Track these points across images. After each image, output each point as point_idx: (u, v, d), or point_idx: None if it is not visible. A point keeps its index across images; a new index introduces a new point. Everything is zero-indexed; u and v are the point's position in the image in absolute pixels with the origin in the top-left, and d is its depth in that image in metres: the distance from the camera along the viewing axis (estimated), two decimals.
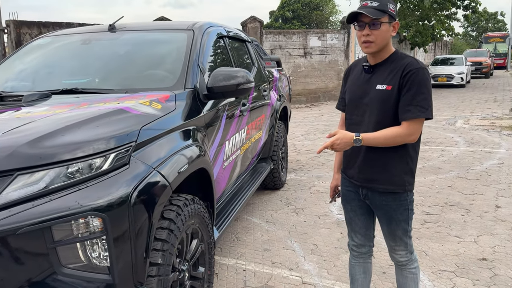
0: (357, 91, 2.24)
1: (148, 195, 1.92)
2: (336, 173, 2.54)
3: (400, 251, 2.32)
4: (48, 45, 3.44)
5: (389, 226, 2.28)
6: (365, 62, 2.24)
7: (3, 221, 1.58)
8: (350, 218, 2.44)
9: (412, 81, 2.03)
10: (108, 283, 1.76)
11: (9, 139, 1.77)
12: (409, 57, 2.14)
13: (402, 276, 2.39)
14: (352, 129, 2.22)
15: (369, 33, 2.08)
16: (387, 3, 2.07)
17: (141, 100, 2.38)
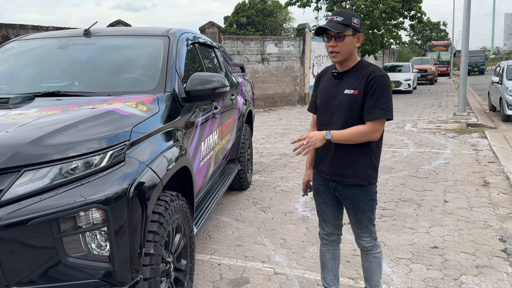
0: (327, 95, 2.51)
1: (143, 190, 2.08)
2: (308, 169, 2.79)
3: (366, 238, 2.60)
4: (22, 48, 3.48)
5: (356, 215, 2.55)
6: (334, 69, 2.51)
7: (14, 214, 1.70)
8: (321, 209, 2.69)
9: (376, 87, 2.31)
10: (108, 270, 1.90)
11: (13, 138, 1.88)
12: (372, 66, 2.43)
13: (367, 261, 2.68)
14: (323, 129, 2.48)
15: (334, 45, 2.35)
16: (351, 17, 2.35)
17: (128, 103, 2.52)
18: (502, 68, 12.72)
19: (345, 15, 2.35)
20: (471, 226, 4.20)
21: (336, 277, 2.81)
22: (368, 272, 2.69)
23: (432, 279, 3.21)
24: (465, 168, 6.45)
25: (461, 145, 8.18)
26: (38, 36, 3.67)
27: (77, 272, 1.84)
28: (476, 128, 10.14)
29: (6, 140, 1.87)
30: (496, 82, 12.56)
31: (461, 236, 3.98)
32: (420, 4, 22.13)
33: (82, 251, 1.86)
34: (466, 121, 11.05)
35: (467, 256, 3.56)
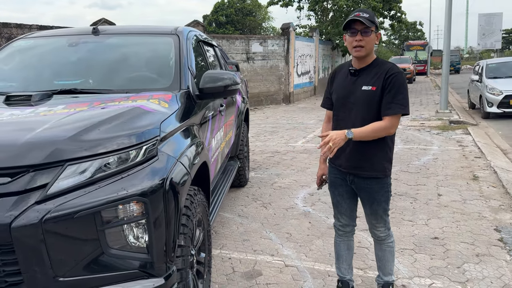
0: (344, 91, 2.61)
1: (177, 183, 2.14)
2: (322, 163, 2.88)
3: (380, 228, 2.72)
4: (31, 46, 3.47)
5: (371, 206, 2.66)
6: (350, 66, 2.61)
7: (61, 207, 1.74)
8: (337, 201, 2.80)
9: (394, 83, 2.43)
10: (146, 261, 1.96)
11: (53, 133, 1.91)
12: (389, 63, 2.55)
13: (381, 250, 2.79)
14: (340, 124, 2.60)
15: (361, 39, 2.44)
16: (374, 16, 2.47)
17: (150, 100, 2.57)
18: (481, 67, 13.12)
19: (369, 12, 2.47)
20: (466, 217, 4.38)
21: (350, 267, 2.92)
22: (382, 261, 2.81)
23: (437, 268, 3.36)
24: (454, 163, 6.68)
25: (447, 142, 8.44)
26: (45, 34, 3.66)
27: (118, 263, 1.89)
28: (459, 125, 10.45)
29: (47, 136, 1.90)
30: (475, 81, 12.96)
31: (458, 227, 4.15)
32: (400, 4, 22.58)
33: (123, 242, 1.91)
34: (448, 118, 11.38)
35: (466, 246, 3.73)
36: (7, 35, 10.79)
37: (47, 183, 1.77)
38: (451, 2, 11.84)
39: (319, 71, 22.33)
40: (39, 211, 1.72)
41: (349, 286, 2.90)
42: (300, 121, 12.33)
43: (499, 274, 3.23)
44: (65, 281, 1.78)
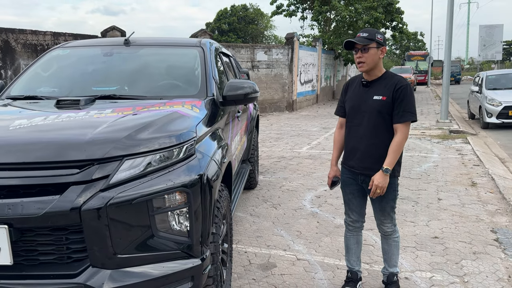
0: (357, 101, 2.94)
1: (212, 178, 2.46)
2: (334, 165, 3.20)
3: (387, 224, 3.04)
4: (68, 55, 3.80)
5: (380, 204, 2.98)
6: (362, 79, 2.94)
7: (121, 194, 2.06)
8: (348, 199, 3.11)
9: (404, 94, 2.77)
10: (188, 244, 2.27)
11: (112, 133, 2.23)
12: (397, 76, 2.88)
13: (388, 244, 3.11)
14: (353, 130, 2.95)
15: (360, 56, 2.80)
16: (375, 34, 2.81)
17: (184, 105, 2.90)
18: (481, 78, 13.48)
19: (369, 31, 2.82)
20: (465, 220, 4.70)
21: (359, 259, 3.23)
22: (388, 254, 3.12)
23: (437, 263, 3.67)
24: (453, 170, 7.00)
25: (447, 150, 8.76)
26: (80, 44, 3.99)
27: (164, 244, 2.19)
28: (459, 134, 10.78)
29: (107, 135, 2.21)
30: (475, 92, 13.31)
31: (457, 228, 4.46)
32: (402, 16, 23.01)
33: (168, 227, 2.22)
34: (448, 128, 11.71)
35: (464, 245, 4.03)
36: (23, 41, 11.16)
37: (109, 175, 2.09)
38: (452, 14, 12.23)
39: (321, 80, 22.72)
40: (104, 197, 2.03)
41: (357, 276, 3.21)
42: (304, 128, 12.66)
43: (494, 270, 3.54)
44: (122, 258, 2.09)
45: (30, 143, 2.15)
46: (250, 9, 54.99)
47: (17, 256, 2.03)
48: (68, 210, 1.98)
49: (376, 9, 21.56)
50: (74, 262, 2.09)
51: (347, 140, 3.04)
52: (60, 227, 2.03)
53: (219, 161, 2.72)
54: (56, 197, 2.00)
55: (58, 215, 1.98)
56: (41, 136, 2.23)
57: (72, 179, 2.04)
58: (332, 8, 21.88)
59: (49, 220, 1.98)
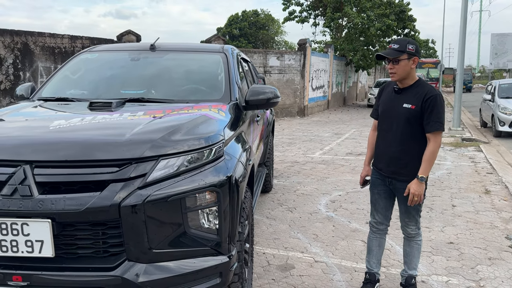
0: (388, 106, 3.05)
1: (239, 179, 2.56)
2: (366, 165, 3.32)
3: (412, 226, 3.12)
4: (97, 59, 3.94)
5: (406, 206, 3.05)
6: (395, 85, 3.03)
7: (158, 192, 2.16)
8: (375, 199, 3.21)
9: (434, 104, 2.83)
10: (217, 241, 2.36)
11: (147, 134, 2.35)
12: (428, 85, 2.95)
13: (410, 246, 3.19)
14: (383, 134, 3.06)
15: (392, 67, 2.90)
16: (406, 44, 2.87)
17: (211, 109, 3.01)
18: (494, 86, 13.47)
19: (401, 42, 2.89)
20: (479, 226, 4.74)
21: (379, 262, 3.31)
22: (409, 256, 3.20)
23: (452, 268, 3.72)
24: (467, 177, 7.03)
25: (460, 158, 8.78)
26: (107, 48, 4.13)
27: (195, 240, 2.29)
28: (471, 142, 10.79)
29: (143, 135, 2.33)
30: (488, 100, 13.30)
31: (472, 234, 4.51)
32: (414, 23, 23.03)
33: (199, 224, 2.31)
34: (461, 135, 11.72)
35: (479, 251, 4.09)
36: (41, 44, 11.41)
37: (146, 173, 2.19)
38: (465, 23, 12.26)
39: (332, 86, 22.79)
40: (141, 195, 2.13)
41: (375, 277, 3.28)
42: (316, 134, 12.73)
43: (510, 275, 3.59)
44: (156, 252, 2.19)
45: (71, 143, 2.27)
46: (261, 14, 55.33)
47: (58, 249, 2.14)
48: (108, 206, 2.09)
49: (389, 16, 21.62)
50: (111, 256, 2.19)
51: (377, 144, 3.15)
52: (99, 222, 2.13)
53: (245, 163, 2.82)
54: (97, 193, 2.11)
55: (99, 211, 2.09)
56: (81, 136, 2.35)
57: (112, 177, 2.15)
58: (345, 15, 21.98)
59: (90, 215, 2.09)
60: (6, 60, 10.70)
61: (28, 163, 2.16)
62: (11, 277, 2.13)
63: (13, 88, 10.88)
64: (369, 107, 23.77)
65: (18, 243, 2.11)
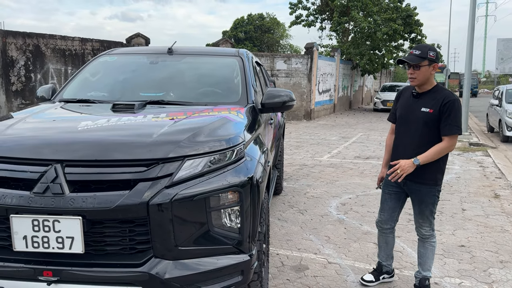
0: (406, 110, 3.12)
1: (260, 180, 2.62)
2: (384, 167, 3.41)
3: (426, 227, 3.19)
4: (116, 62, 4.02)
5: (420, 207, 3.13)
6: (413, 90, 3.10)
7: (183, 191, 2.23)
8: (384, 198, 3.31)
9: (452, 109, 2.90)
10: (239, 240, 2.43)
11: (172, 135, 2.42)
12: (446, 90, 3.03)
13: (424, 248, 3.25)
14: (401, 138, 3.14)
15: (412, 72, 2.96)
16: (428, 51, 2.94)
17: (230, 111, 3.08)
18: (501, 92, 13.48)
19: (422, 49, 2.95)
20: (490, 230, 4.78)
21: (389, 256, 3.46)
22: (423, 257, 3.25)
23: (465, 270, 3.77)
24: (475, 182, 7.07)
25: (468, 162, 8.81)
26: (126, 52, 4.21)
27: (218, 239, 2.35)
28: (478, 147, 10.81)
29: (169, 136, 2.40)
30: (495, 105, 13.31)
31: (483, 237, 4.55)
32: (421, 28, 23.06)
33: (222, 223, 2.38)
34: (468, 140, 11.74)
35: (491, 254, 4.13)
36: (52, 46, 11.54)
37: (172, 173, 2.26)
38: (473, 29, 12.30)
39: (339, 90, 22.85)
40: (169, 194, 2.20)
41: (382, 269, 3.47)
42: (323, 137, 12.79)
43: None
44: (182, 250, 2.26)
45: (100, 143, 2.35)
46: (267, 18, 55.52)
47: (87, 246, 2.21)
48: (137, 204, 2.16)
49: (395, 20, 21.67)
50: (138, 253, 2.26)
51: (395, 146, 3.23)
52: (127, 220, 2.20)
53: (264, 164, 2.88)
54: (126, 192, 2.18)
55: (128, 209, 2.16)
56: (110, 137, 2.43)
57: (140, 176, 2.22)
58: (351, 19, 22.05)
59: (119, 213, 2.16)
60: (18, 61, 10.85)
61: (59, 162, 2.23)
62: (41, 272, 2.20)
63: (24, 90, 11.03)
64: (375, 111, 23.79)
65: (49, 239, 2.18)
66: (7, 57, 10.60)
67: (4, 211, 2.20)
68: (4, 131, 2.54)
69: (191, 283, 2.28)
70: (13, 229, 2.19)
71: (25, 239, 2.19)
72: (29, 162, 2.28)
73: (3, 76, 10.56)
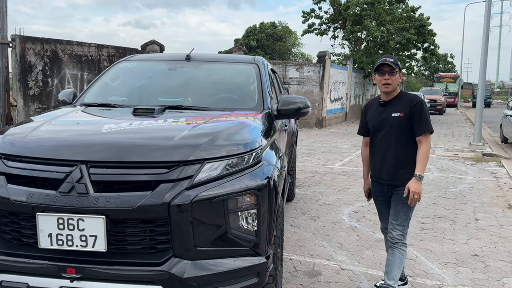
0: (378, 119, 3.28)
1: (276, 184, 2.68)
2: (366, 179, 3.55)
3: (398, 229, 3.21)
4: (135, 68, 4.12)
5: (396, 207, 3.21)
6: (379, 100, 3.29)
7: (204, 193, 2.29)
8: (379, 209, 3.47)
9: (421, 109, 3.12)
10: (255, 242, 2.48)
11: (192, 139, 2.49)
12: (411, 94, 3.27)
13: (392, 254, 3.25)
14: (378, 146, 3.28)
15: (388, 78, 3.14)
16: (397, 60, 3.19)
17: (248, 117, 3.14)
18: None
19: (394, 58, 3.19)
20: (504, 240, 4.76)
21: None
22: (390, 265, 3.24)
23: (478, 279, 3.76)
24: (489, 192, 7.03)
25: (481, 172, 8.76)
26: (144, 58, 4.32)
27: (236, 240, 2.40)
28: (492, 157, 10.73)
29: (190, 140, 2.47)
30: (509, 116, 13.20)
31: (496, 247, 4.53)
32: (434, 37, 22.99)
33: (240, 225, 2.43)
34: (481, 150, 11.66)
35: (505, 263, 4.12)
36: (69, 52, 11.76)
37: (192, 175, 2.33)
38: (487, 39, 12.26)
39: (350, 98, 22.84)
40: (189, 195, 2.26)
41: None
42: (334, 145, 12.80)
43: None
44: (200, 250, 2.31)
45: (123, 145, 2.43)
46: (279, 26, 55.84)
47: (110, 245, 2.28)
48: (159, 204, 2.23)
49: (408, 30, 21.66)
50: (158, 252, 2.32)
51: (373, 155, 3.34)
52: (149, 219, 2.27)
53: (280, 169, 2.94)
54: (148, 193, 2.25)
55: (150, 209, 2.22)
56: (132, 139, 2.51)
57: (161, 178, 2.29)
58: (364, 28, 22.09)
59: (141, 213, 2.23)
60: (36, 66, 11.08)
61: (84, 163, 2.31)
62: (65, 269, 2.27)
63: (42, 94, 11.24)
64: None
65: (73, 238, 2.26)
66: (26, 62, 10.83)
67: (31, 209, 2.29)
68: (31, 133, 2.63)
69: (209, 283, 2.34)
70: (39, 227, 2.27)
71: (50, 237, 2.27)
72: (55, 162, 2.36)
73: (21, 81, 10.78)
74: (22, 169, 2.40)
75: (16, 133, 2.68)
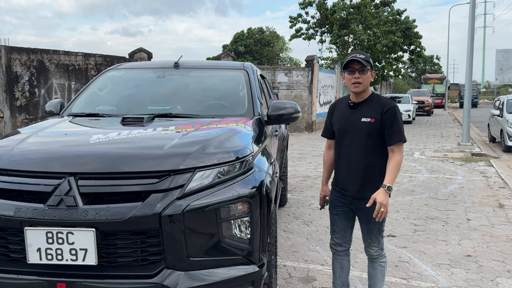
0: (344, 122, 2.91)
1: (268, 191, 2.65)
2: (324, 185, 3.19)
3: (374, 247, 2.97)
4: (123, 76, 4.08)
5: (368, 226, 2.92)
6: (349, 100, 2.92)
7: (195, 202, 2.26)
8: (334, 220, 3.08)
9: (393, 116, 2.78)
10: (249, 250, 2.45)
11: (182, 147, 2.46)
12: (384, 98, 2.90)
13: (373, 268, 3.06)
14: (344, 151, 2.93)
15: (358, 76, 2.78)
16: (369, 57, 2.85)
17: (238, 123, 3.12)
18: (502, 102, 13.53)
19: (365, 54, 2.82)
20: (496, 239, 4.78)
21: (345, 284, 3.18)
22: (373, 279, 3.07)
23: (472, 280, 3.77)
24: (479, 192, 7.08)
25: (471, 172, 8.83)
26: (132, 66, 4.28)
27: (229, 249, 2.37)
28: (481, 157, 10.82)
29: (180, 149, 2.44)
30: (496, 115, 13.35)
31: (489, 247, 4.55)
32: (420, 40, 23.24)
33: (232, 234, 2.40)
34: (470, 150, 11.76)
35: (498, 263, 4.13)
36: (56, 61, 11.66)
37: (183, 184, 2.29)
38: (472, 40, 12.42)
39: None
40: (180, 205, 2.23)
41: None
42: None
43: None
44: (193, 261, 2.28)
45: (113, 155, 2.39)
46: (266, 31, 56.07)
47: (100, 258, 2.23)
48: (150, 215, 2.19)
49: (395, 33, 21.85)
50: (150, 264, 2.28)
51: (337, 162, 3.00)
52: (140, 231, 2.23)
53: (272, 175, 2.92)
54: (139, 203, 2.21)
55: (141, 220, 2.19)
56: (121, 149, 2.47)
57: (152, 188, 2.25)
58: (351, 32, 22.24)
59: (132, 224, 2.19)
60: (22, 77, 10.95)
61: (72, 175, 2.27)
62: (55, 284, 2.22)
63: (29, 105, 11.10)
64: None
65: (63, 252, 2.21)
66: (12, 72, 10.70)
67: (19, 224, 2.23)
68: (17, 145, 2.58)
69: None
70: (27, 241, 2.21)
71: (39, 251, 2.22)
72: (43, 175, 2.32)
73: (7, 92, 10.65)
74: (9, 183, 2.35)
75: (3, 146, 2.62)
